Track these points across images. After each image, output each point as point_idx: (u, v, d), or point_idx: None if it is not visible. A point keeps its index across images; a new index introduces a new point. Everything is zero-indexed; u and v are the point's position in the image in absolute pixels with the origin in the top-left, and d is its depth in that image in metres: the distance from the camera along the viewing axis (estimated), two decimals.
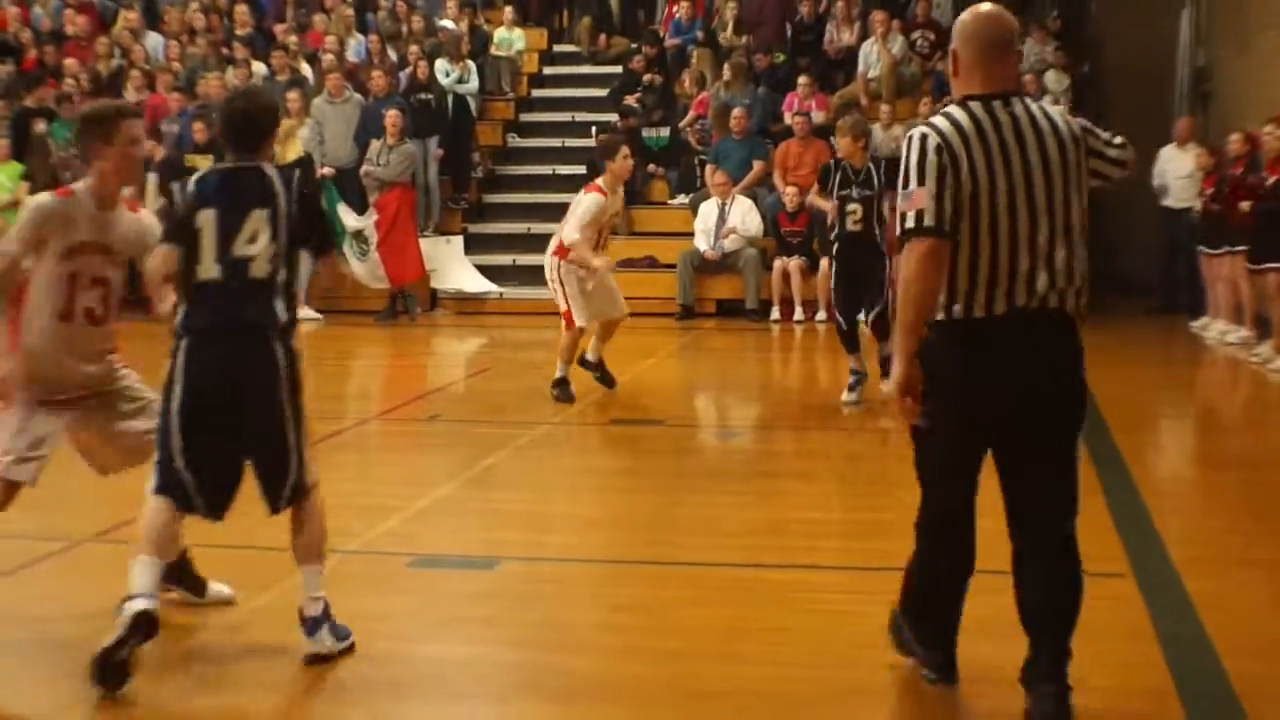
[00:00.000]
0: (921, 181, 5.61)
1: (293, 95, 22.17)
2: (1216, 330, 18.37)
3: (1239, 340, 17.45)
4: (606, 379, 14.09)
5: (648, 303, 21.02)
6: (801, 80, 22.87)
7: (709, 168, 21.98)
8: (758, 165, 21.88)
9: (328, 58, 23.43)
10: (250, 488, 6.77)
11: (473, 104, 24.06)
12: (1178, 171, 20.85)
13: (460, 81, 23.71)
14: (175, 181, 20.82)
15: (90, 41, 25.77)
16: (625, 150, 13.77)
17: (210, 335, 6.67)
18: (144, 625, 6.23)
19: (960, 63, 5.89)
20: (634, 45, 25.26)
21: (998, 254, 5.61)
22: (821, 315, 20.31)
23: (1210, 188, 18.65)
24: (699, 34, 25.15)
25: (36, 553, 8.54)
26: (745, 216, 21.15)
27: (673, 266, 21.33)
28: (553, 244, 13.75)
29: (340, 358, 18.72)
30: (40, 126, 23.34)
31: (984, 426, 5.79)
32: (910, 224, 5.64)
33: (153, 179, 21.88)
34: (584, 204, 13.47)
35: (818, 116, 22.48)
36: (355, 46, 24.86)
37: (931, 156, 5.61)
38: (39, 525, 9.09)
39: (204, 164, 20.94)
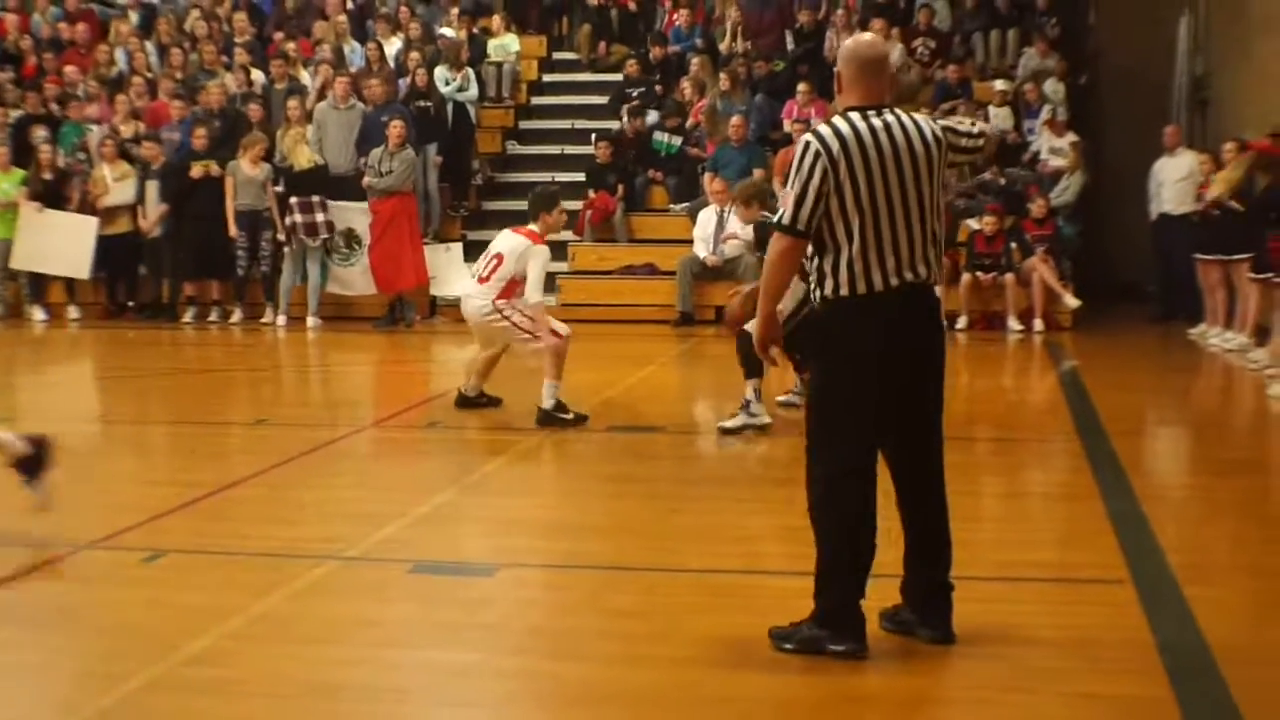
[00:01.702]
0: (794, 185, 6.63)
1: (292, 103, 22.19)
2: (1216, 336, 18.37)
3: (1237, 347, 17.44)
4: (492, 400, 13.57)
5: (647, 310, 21.09)
6: (801, 88, 22.88)
7: (707, 175, 21.97)
8: (757, 173, 21.86)
9: (324, 68, 23.41)
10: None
11: (472, 111, 24.07)
12: (1171, 177, 20.86)
13: (460, 90, 23.71)
14: (176, 187, 21.04)
15: (90, 49, 25.79)
16: (562, 205, 13.18)
17: None
18: None
19: (843, 80, 6.92)
20: (634, 52, 25.32)
21: (882, 239, 6.58)
22: None
23: (1207, 192, 18.70)
24: (698, 41, 25.18)
25: (37, 559, 8.52)
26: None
27: (672, 274, 21.32)
28: (486, 291, 12.78)
29: (339, 364, 18.73)
30: (40, 133, 23.36)
31: (892, 379, 6.70)
32: (778, 220, 6.73)
33: (154, 185, 21.90)
34: (537, 259, 12.66)
35: (816, 123, 22.47)
36: (350, 54, 24.86)
37: (808, 162, 6.60)
38: (40, 532, 9.12)
39: (203, 170, 21.10)
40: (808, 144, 6.63)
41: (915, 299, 6.71)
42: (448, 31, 25.23)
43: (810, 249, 6.75)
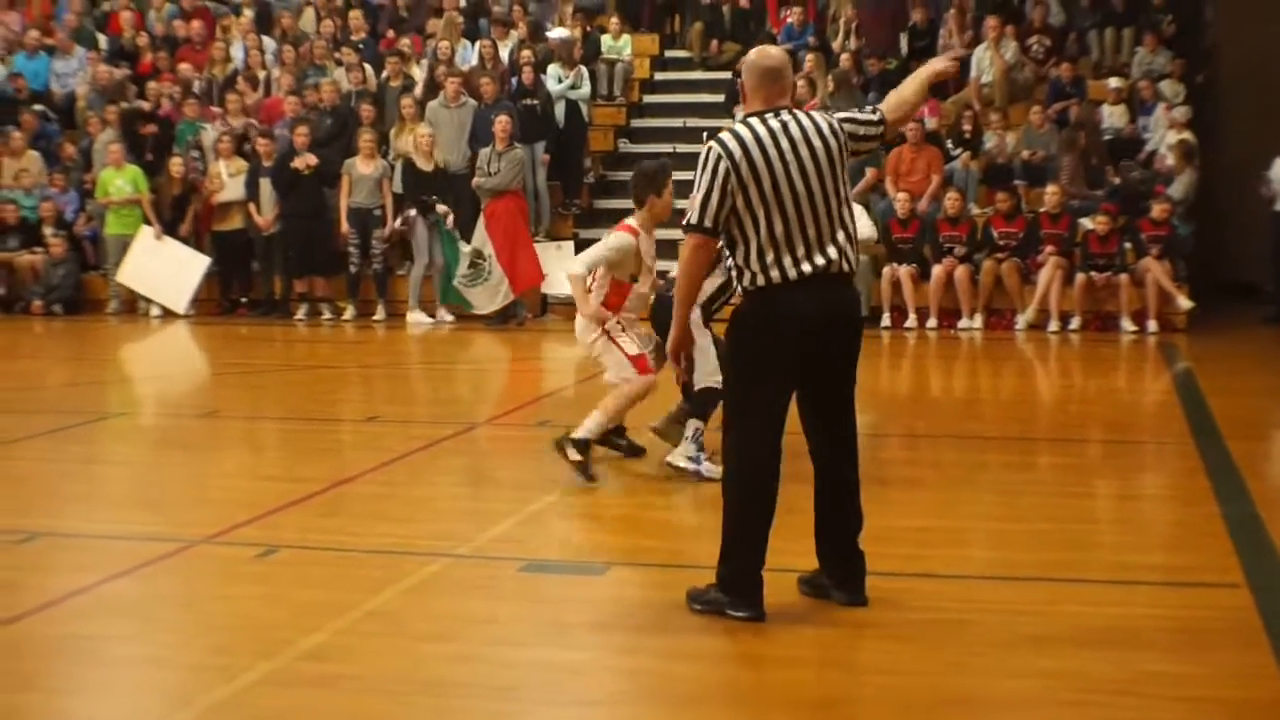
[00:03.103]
0: (700, 187, 7.14)
1: (406, 101, 22.32)
2: None
3: None
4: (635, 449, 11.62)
5: None
6: None
7: None
8: (870, 172, 21.79)
9: (440, 67, 23.53)
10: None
11: (585, 109, 24.10)
12: None
13: (573, 88, 23.75)
14: (284, 184, 21.17)
15: (204, 45, 26.02)
16: (670, 185, 11.20)
17: None
18: None
19: (745, 88, 7.45)
20: (745, 50, 25.28)
21: (790, 231, 7.11)
22: (932, 322, 20.25)
23: None
24: (810, 39, 25.10)
25: (153, 553, 8.61)
26: (857, 222, 20.99)
27: None
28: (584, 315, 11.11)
29: (451, 362, 18.81)
30: (153, 130, 23.64)
31: (802, 364, 7.26)
32: (686, 221, 7.21)
33: (266, 183, 22.06)
34: (608, 240, 11.07)
35: (930, 123, 22.40)
36: (462, 52, 24.96)
37: (710, 164, 7.12)
38: (155, 527, 9.23)
39: (303, 164, 21.20)
40: (711, 148, 7.17)
41: (826, 285, 7.19)
42: (560, 32, 25.26)
43: (726, 247, 7.34)
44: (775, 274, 7.12)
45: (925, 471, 11.63)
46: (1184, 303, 19.86)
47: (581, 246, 21.82)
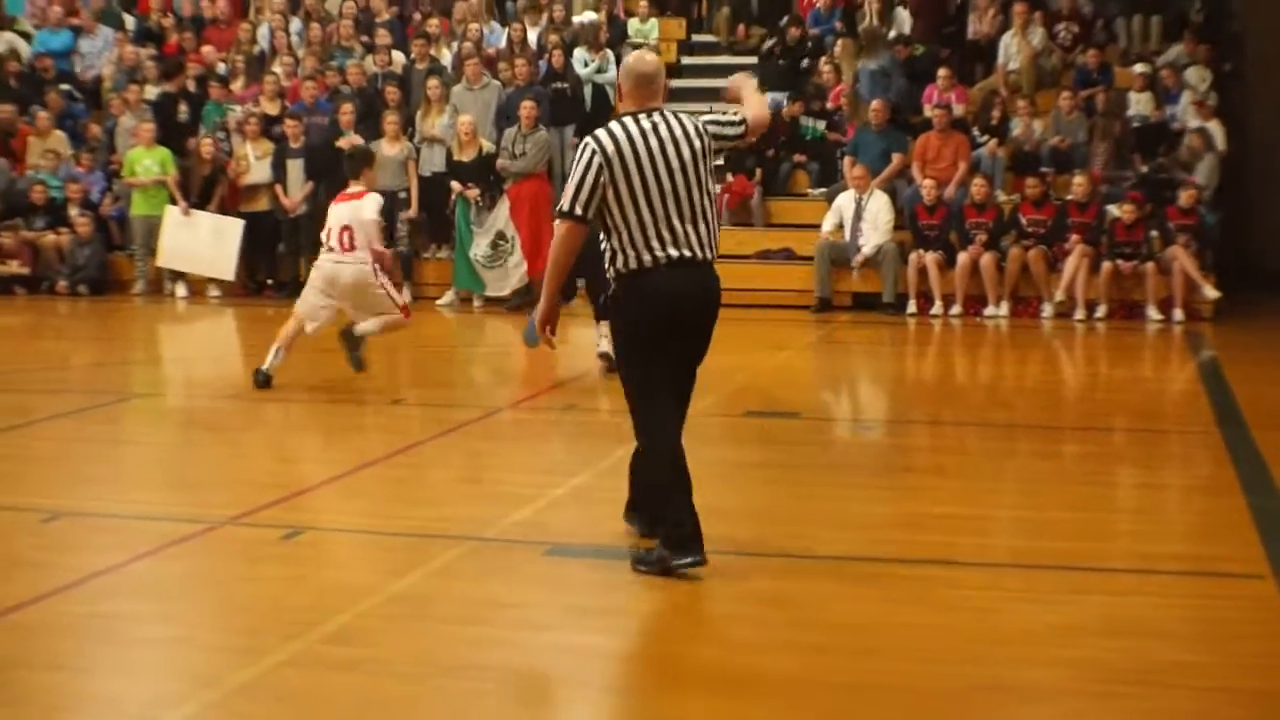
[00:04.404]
0: (574, 179, 7.84)
1: (433, 83, 22.32)
2: None
3: None
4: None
5: (784, 295, 21.01)
6: (941, 72, 22.74)
7: (847, 160, 21.88)
8: (896, 158, 21.76)
9: (467, 45, 23.56)
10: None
11: (611, 93, 24.06)
12: None
13: (599, 71, 23.73)
14: (320, 165, 21.27)
15: (231, 25, 26.04)
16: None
17: None
18: None
19: (622, 91, 8.19)
20: (772, 33, 25.28)
21: (658, 221, 7.78)
22: (958, 309, 20.22)
23: None
24: (838, 24, 25.05)
25: (178, 534, 8.63)
26: (878, 216, 20.96)
27: (809, 259, 21.25)
28: (364, 249, 13.74)
29: (473, 345, 18.83)
30: (183, 110, 23.69)
31: (672, 338, 7.91)
32: (558, 208, 7.94)
33: (296, 165, 22.09)
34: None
35: (958, 109, 22.37)
36: (490, 35, 24.96)
37: (585, 159, 7.83)
38: (180, 508, 9.25)
39: (350, 145, 21.21)
40: (586, 144, 7.87)
41: (686, 271, 7.85)
42: (588, 16, 25.24)
43: (603, 235, 8.00)
44: (646, 258, 7.81)
45: (950, 459, 11.61)
46: (1210, 292, 19.80)
47: None
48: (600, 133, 7.92)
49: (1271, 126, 24.46)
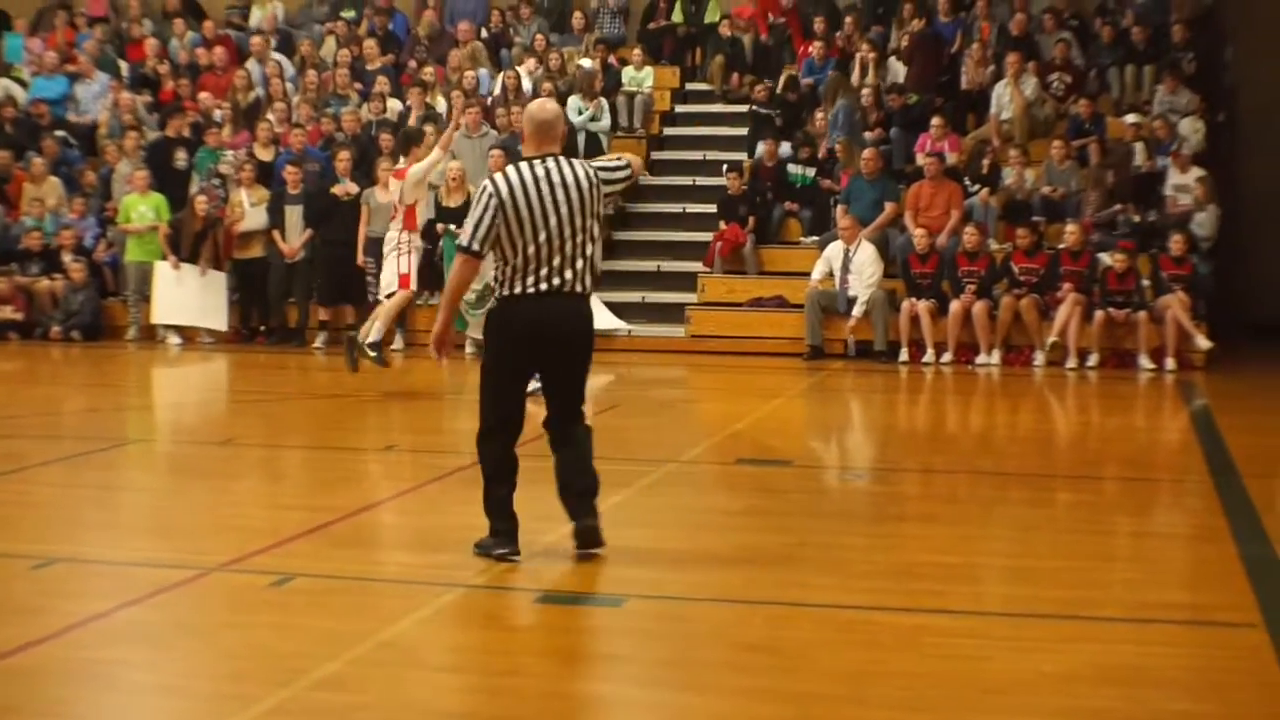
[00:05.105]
0: (473, 216, 8.72)
1: (429, 130, 22.33)
2: None
3: None
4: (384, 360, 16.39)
5: (776, 343, 21.04)
6: (935, 121, 22.81)
7: (839, 209, 21.92)
8: (889, 207, 21.81)
9: (455, 94, 23.61)
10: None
11: (605, 141, 24.13)
12: None
13: (593, 119, 23.78)
14: (317, 212, 21.41)
15: (227, 71, 26.10)
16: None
17: None
18: None
19: (524, 136, 9.06)
20: (765, 81, 25.35)
21: (540, 256, 8.71)
22: (950, 357, 20.25)
23: None
24: (831, 73, 25.11)
25: (169, 580, 8.61)
26: (863, 268, 20.98)
27: (801, 306, 21.26)
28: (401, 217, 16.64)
29: (460, 393, 18.80)
30: (180, 157, 23.73)
31: (533, 359, 8.97)
32: (458, 242, 8.91)
33: (296, 211, 22.13)
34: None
35: (950, 158, 22.43)
36: (485, 82, 25.01)
37: (484, 200, 8.71)
38: (172, 554, 9.23)
39: (344, 191, 21.20)
40: (485, 187, 8.76)
41: (559, 300, 8.79)
42: (585, 63, 25.30)
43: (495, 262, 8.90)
44: (519, 289, 8.76)
45: (942, 507, 11.61)
46: (1203, 342, 19.82)
47: (601, 278, 21.90)
48: (498, 176, 8.83)
49: (1264, 175, 24.52)
